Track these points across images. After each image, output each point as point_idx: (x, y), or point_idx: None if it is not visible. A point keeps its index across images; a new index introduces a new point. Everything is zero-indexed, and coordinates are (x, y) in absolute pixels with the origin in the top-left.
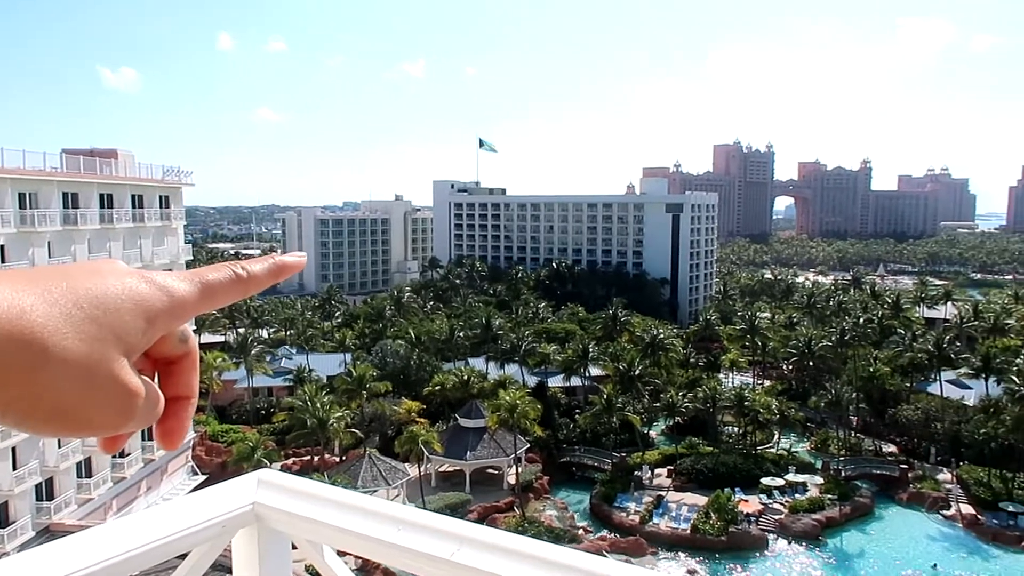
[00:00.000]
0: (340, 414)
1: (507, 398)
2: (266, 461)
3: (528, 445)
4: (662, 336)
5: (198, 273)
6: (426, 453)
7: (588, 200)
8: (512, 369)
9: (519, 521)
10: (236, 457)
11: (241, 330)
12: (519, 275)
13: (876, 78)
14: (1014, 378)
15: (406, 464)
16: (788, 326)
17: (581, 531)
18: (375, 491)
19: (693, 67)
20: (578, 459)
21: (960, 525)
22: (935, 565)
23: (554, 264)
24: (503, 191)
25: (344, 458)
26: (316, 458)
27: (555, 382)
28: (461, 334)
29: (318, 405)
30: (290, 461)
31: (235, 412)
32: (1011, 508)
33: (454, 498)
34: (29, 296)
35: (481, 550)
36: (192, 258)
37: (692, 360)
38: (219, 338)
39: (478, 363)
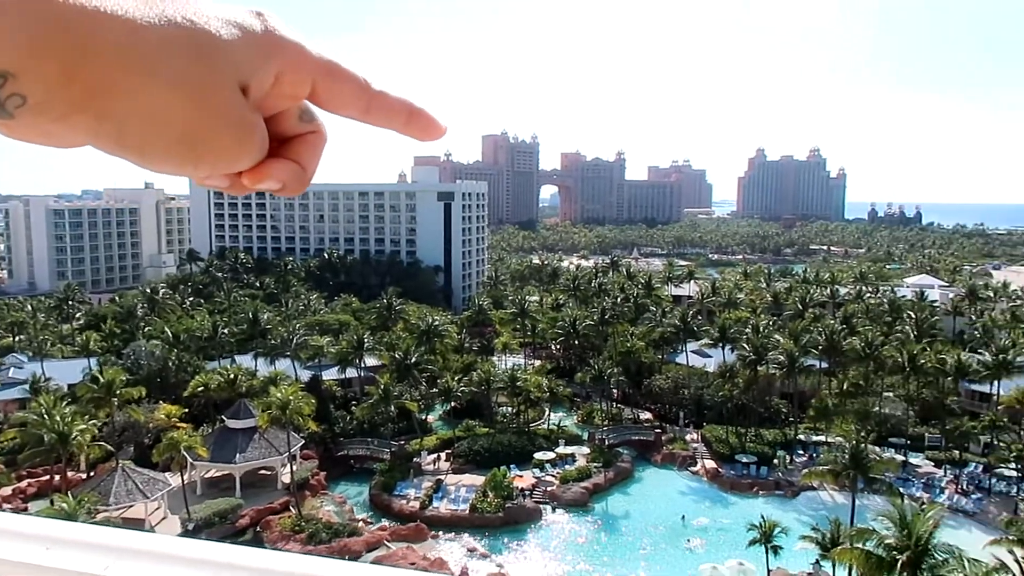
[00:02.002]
0: (85, 426)
1: (278, 395)
2: None
3: (303, 441)
4: (437, 323)
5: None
6: (190, 460)
7: (359, 189)
8: (283, 364)
9: (295, 520)
10: None
11: None
12: (288, 266)
13: (627, 75)
14: (744, 345)
15: (167, 474)
16: (555, 308)
17: (361, 523)
18: (131, 506)
19: (461, 58)
20: (356, 451)
21: (705, 479)
22: (683, 517)
23: (325, 254)
24: None
25: (92, 474)
26: (57, 477)
27: (330, 375)
28: (226, 330)
29: (57, 418)
30: (24, 484)
31: None
32: (745, 459)
33: (223, 504)
34: (134, 6)
35: (137, 559)
36: None
37: (467, 345)
38: None
39: (246, 360)
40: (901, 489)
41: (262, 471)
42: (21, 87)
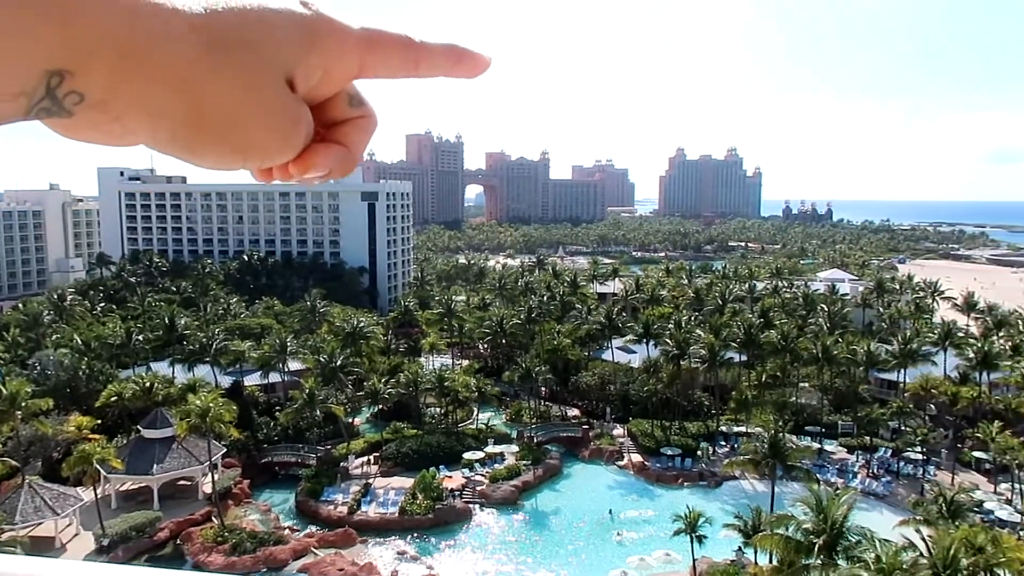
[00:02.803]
0: None
1: (198, 402)
2: None
3: (225, 449)
4: (363, 324)
5: (363, 24)
6: (103, 472)
7: (280, 189)
8: (203, 370)
9: (218, 531)
10: None
11: None
12: (206, 269)
13: (551, 76)
14: (667, 340)
15: (79, 488)
16: (482, 307)
17: (287, 531)
18: (40, 524)
19: None
20: (281, 457)
21: (631, 472)
22: (610, 511)
23: (245, 256)
24: (183, 179)
25: None
26: None
27: (252, 380)
28: (140, 337)
29: None
30: None
31: None
32: (669, 452)
33: (140, 518)
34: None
35: None
36: None
37: (393, 346)
38: None
39: (162, 367)
40: (817, 475)
41: (181, 481)
42: (79, 84)
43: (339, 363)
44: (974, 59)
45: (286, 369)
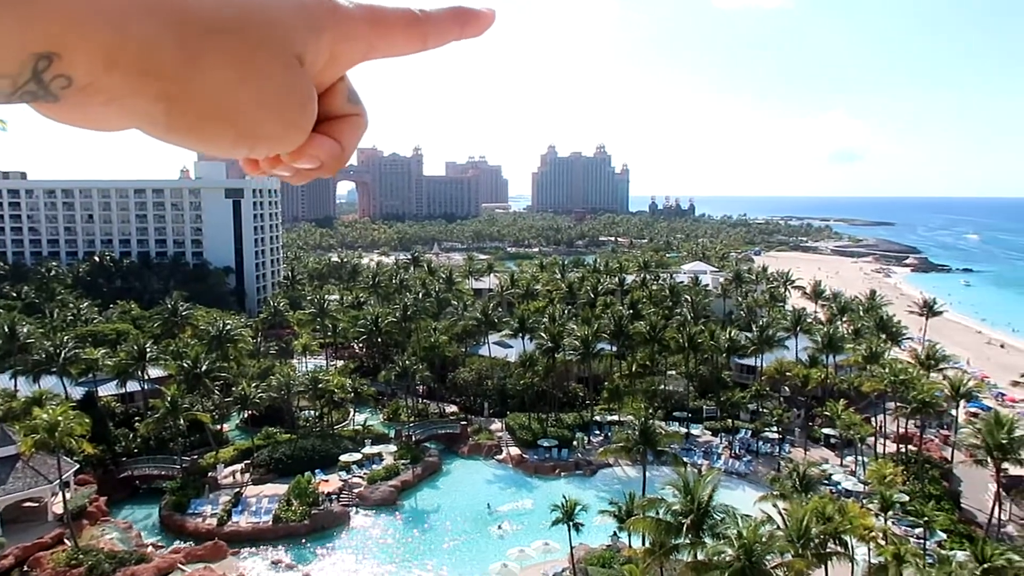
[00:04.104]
0: None
1: (45, 416)
2: None
3: (77, 466)
4: (229, 327)
5: (362, 3)
6: None
7: (135, 185)
8: (50, 382)
9: (71, 554)
10: None
11: None
12: (52, 272)
13: (422, 71)
14: (542, 334)
15: None
16: (356, 306)
17: (150, 548)
18: None
19: None
20: (141, 471)
21: (510, 466)
22: (488, 505)
23: (97, 257)
24: (22, 175)
25: None
26: None
27: (108, 390)
28: None
29: None
30: None
31: None
32: (546, 444)
33: None
34: None
35: None
36: None
37: (263, 349)
38: None
39: (2, 380)
40: (685, 458)
41: (27, 503)
42: (66, 68)
43: (204, 368)
44: (818, 64)
45: (146, 377)
